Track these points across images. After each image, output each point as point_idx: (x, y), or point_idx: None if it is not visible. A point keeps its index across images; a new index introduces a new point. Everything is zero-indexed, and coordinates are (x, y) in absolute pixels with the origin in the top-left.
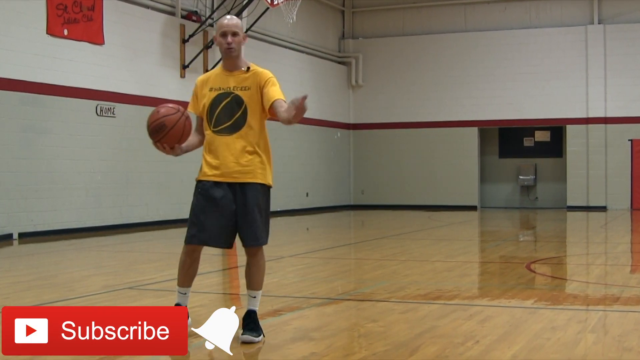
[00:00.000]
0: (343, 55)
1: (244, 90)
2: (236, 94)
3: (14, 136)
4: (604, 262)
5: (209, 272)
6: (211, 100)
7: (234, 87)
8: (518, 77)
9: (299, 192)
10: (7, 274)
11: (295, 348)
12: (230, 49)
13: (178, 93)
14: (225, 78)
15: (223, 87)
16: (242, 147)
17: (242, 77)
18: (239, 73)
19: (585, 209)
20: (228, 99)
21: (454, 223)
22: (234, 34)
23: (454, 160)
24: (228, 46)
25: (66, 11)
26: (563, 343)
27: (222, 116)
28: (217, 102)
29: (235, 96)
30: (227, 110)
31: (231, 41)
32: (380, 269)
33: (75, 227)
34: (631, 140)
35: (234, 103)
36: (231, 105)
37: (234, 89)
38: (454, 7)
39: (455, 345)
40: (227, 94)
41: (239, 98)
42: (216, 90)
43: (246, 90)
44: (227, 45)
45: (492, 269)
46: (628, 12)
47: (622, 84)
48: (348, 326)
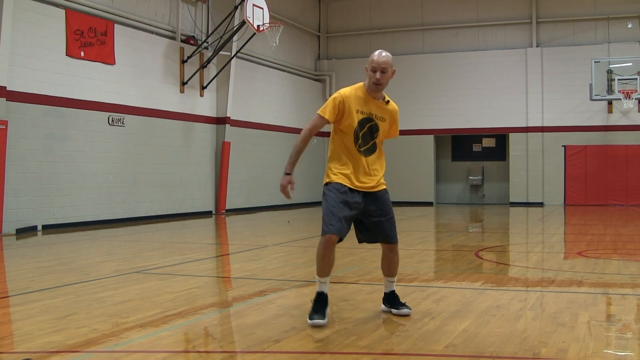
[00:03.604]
0: (319, 73)
1: (381, 120)
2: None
3: (38, 142)
4: (541, 250)
5: (204, 258)
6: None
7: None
8: (468, 92)
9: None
10: (32, 260)
11: (278, 323)
12: (378, 85)
13: (178, 106)
14: (368, 102)
15: (365, 111)
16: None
17: (382, 107)
18: (380, 103)
19: (525, 204)
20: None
21: (413, 217)
22: (383, 71)
23: (413, 163)
24: (377, 82)
25: (83, 36)
26: (506, 319)
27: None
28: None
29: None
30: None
31: (380, 77)
32: (351, 256)
33: (90, 220)
34: (564, 146)
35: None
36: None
37: (375, 118)
38: (413, 32)
39: (415, 321)
40: (369, 119)
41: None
42: (361, 113)
43: (382, 121)
44: (375, 81)
45: (445, 256)
46: (562, 37)
47: (556, 98)
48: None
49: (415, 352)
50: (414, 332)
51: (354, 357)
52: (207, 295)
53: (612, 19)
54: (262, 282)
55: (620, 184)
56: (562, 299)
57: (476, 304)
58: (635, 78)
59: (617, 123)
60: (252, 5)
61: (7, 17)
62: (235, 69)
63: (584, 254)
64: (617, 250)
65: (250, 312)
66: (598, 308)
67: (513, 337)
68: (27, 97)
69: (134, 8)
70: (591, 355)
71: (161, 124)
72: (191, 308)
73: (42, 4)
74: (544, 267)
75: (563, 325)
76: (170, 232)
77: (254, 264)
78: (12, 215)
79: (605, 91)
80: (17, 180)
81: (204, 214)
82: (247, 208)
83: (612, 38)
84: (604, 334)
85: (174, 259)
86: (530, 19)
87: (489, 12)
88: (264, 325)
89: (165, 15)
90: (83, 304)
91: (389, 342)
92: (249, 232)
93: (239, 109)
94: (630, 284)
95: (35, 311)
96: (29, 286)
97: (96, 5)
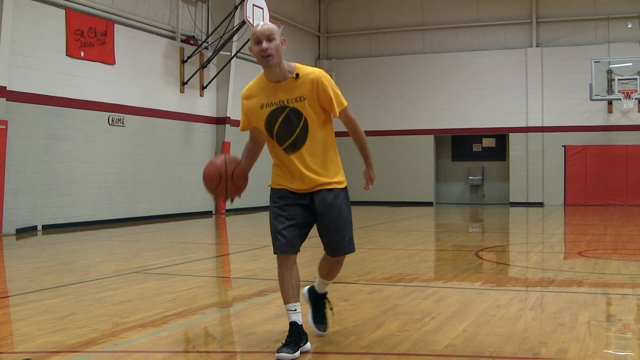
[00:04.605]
0: None
1: (299, 101)
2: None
3: (38, 142)
4: (541, 250)
5: (204, 258)
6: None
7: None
8: (468, 92)
9: None
10: (33, 260)
11: (277, 323)
12: (267, 57)
13: (178, 106)
14: (272, 89)
15: (273, 101)
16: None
17: (292, 86)
18: (288, 83)
19: (525, 204)
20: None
21: (414, 217)
22: (269, 39)
23: (413, 163)
24: (263, 52)
25: (83, 36)
26: (506, 319)
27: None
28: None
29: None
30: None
31: (267, 46)
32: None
33: (90, 220)
34: (564, 146)
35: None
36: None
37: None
38: (413, 32)
39: (415, 321)
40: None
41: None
42: (267, 106)
43: (301, 101)
44: (262, 52)
45: (445, 256)
46: (561, 37)
47: (556, 98)
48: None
49: (415, 352)
50: (414, 332)
51: (354, 357)
52: (207, 295)
53: (612, 19)
54: (262, 282)
55: (620, 184)
56: (562, 299)
57: (476, 304)
58: (635, 78)
59: (617, 123)
60: (252, 5)
61: (7, 17)
62: (235, 69)
63: (584, 254)
64: (617, 250)
65: (250, 312)
66: (598, 308)
67: (513, 337)
68: (27, 97)
69: (134, 8)
70: (591, 355)
71: (161, 124)
72: (191, 308)
73: (42, 4)
74: (544, 267)
75: (563, 325)
76: (170, 232)
77: (254, 264)
78: (12, 215)
79: (605, 91)
80: (17, 180)
81: (204, 214)
82: (247, 208)
83: (612, 38)
84: (604, 334)
85: (174, 259)
86: (530, 19)
87: (489, 12)
88: (264, 325)
89: (165, 15)
90: (83, 304)
91: (389, 342)
92: (249, 232)
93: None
94: (630, 284)
95: (35, 311)
96: (29, 286)
97: (96, 5)
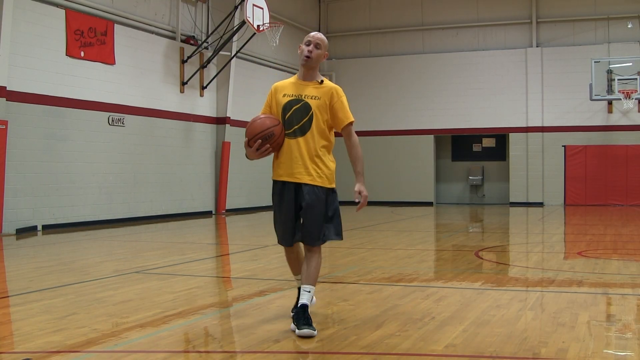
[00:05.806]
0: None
1: (314, 99)
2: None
3: (38, 142)
4: (541, 250)
5: (204, 258)
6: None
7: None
8: (468, 92)
9: None
10: (33, 260)
11: (278, 323)
12: (308, 58)
13: (178, 106)
14: (299, 86)
15: (294, 93)
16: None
17: (314, 88)
18: (313, 84)
19: (525, 204)
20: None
21: (413, 217)
22: (317, 47)
23: (413, 163)
24: (307, 54)
25: (83, 36)
26: (506, 319)
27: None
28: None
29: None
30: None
31: (311, 50)
32: (351, 255)
33: (90, 220)
34: (564, 146)
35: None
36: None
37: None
38: (413, 32)
39: (414, 321)
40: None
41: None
42: (288, 96)
43: (316, 99)
44: (306, 52)
45: (445, 256)
46: (561, 37)
47: (556, 98)
48: (323, 305)
49: (415, 352)
50: (414, 332)
51: (354, 357)
52: (207, 295)
53: (612, 19)
54: (262, 282)
55: (620, 184)
56: (562, 299)
57: (476, 304)
58: (635, 78)
59: (617, 123)
60: (252, 5)
61: (7, 17)
62: (235, 69)
63: (584, 254)
64: (617, 250)
65: (250, 312)
66: (598, 308)
67: (513, 337)
68: (27, 97)
69: (134, 8)
70: (591, 355)
71: (161, 124)
72: (191, 308)
73: (42, 4)
74: (544, 267)
75: (563, 325)
76: (170, 232)
77: (254, 264)
78: (12, 215)
79: (605, 91)
80: (17, 180)
81: (204, 214)
82: (247, 208)
83: (612, 38)
84: (604, 334)
85: (174, 259)
86: (530, 19)
87: (489, 12)
88: (264, 325)
89: (165, 15)
90: (83, 304)
91: (389, 342)
92: (249, 232)
93: (239, 109)
94: (630, 284)
95: (35, 311)
96: (29, 286)
97: (96, 5)
